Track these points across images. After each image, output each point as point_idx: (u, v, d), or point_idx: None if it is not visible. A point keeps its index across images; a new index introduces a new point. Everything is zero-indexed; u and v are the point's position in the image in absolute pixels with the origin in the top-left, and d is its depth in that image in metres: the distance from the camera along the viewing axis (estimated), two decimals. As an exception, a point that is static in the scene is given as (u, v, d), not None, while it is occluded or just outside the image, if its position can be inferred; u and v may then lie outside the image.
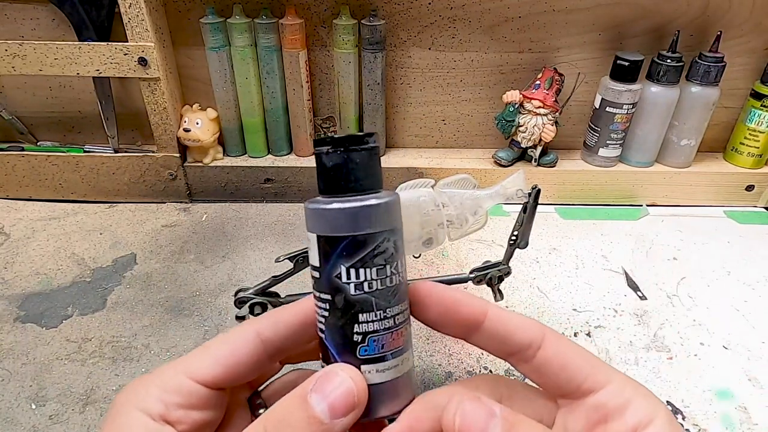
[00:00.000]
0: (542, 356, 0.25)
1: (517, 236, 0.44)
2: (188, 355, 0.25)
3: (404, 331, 0.24)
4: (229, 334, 0.26)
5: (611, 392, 0.24)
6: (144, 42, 0.67)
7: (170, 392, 0.23)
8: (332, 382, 0.22)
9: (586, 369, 0.25)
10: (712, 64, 0.70)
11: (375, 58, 0.71)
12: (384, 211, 0.24)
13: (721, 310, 0.61)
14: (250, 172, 0.78)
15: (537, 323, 0.26)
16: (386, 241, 0.23)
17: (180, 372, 0.24)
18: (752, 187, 0.79)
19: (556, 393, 0.26)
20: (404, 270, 0.24)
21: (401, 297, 0.24)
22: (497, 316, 0.26)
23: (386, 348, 0.24)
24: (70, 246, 0.69)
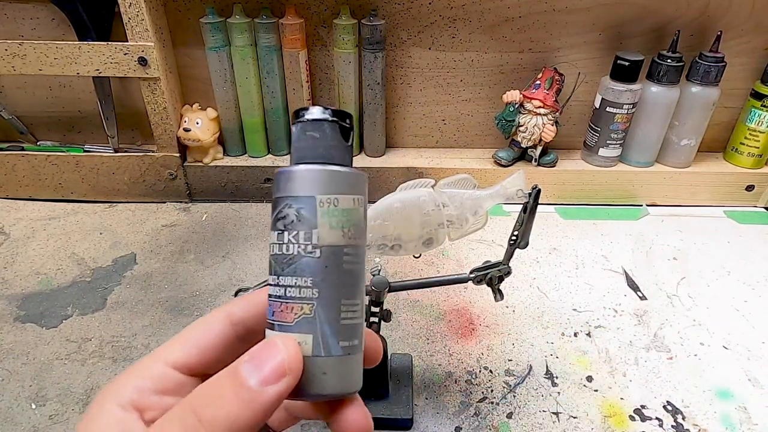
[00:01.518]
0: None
1: (518, 236, 0.44)
2: (166, 343, 0.25)
3: (296, 309, 0.23)
4: (201, 318, 0.26)
5: None
6: (144, 42, 0.67)
7: (144, 378, 0.23)
8: (265, 351, 0.22)
9: None
10: (712, 64, 0.70)
11: (375, 57, 0.71)
12: (287, 178, 0.24)
13: (721, 310, 0.61)
14: (250, 172, 0.78)
15: None
16: (287, 207, 0.23)
17: (156, 360, 0.24)
18: (752, 187, 0.79)
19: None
20: (315, 247, 0.23)
21: (299, 272, 0.23)
22: None
23: (275, 317, 0.23)
24: (70, 246, 0.69)
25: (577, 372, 0.53)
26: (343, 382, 0.23)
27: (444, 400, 0.50)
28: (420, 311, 0.60)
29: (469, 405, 0.49)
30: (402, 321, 0.58)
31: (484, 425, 0.47)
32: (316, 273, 0.23)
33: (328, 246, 0.23)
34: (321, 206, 0.23)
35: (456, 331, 0.57)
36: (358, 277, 0.24)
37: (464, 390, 0.51)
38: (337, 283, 0.23)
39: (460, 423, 0.48)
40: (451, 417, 0.48)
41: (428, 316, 0.59)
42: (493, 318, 0.59)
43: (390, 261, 0.67)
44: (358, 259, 0.24)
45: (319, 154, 0.24)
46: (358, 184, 0.24)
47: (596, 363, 0.54)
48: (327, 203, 0.23)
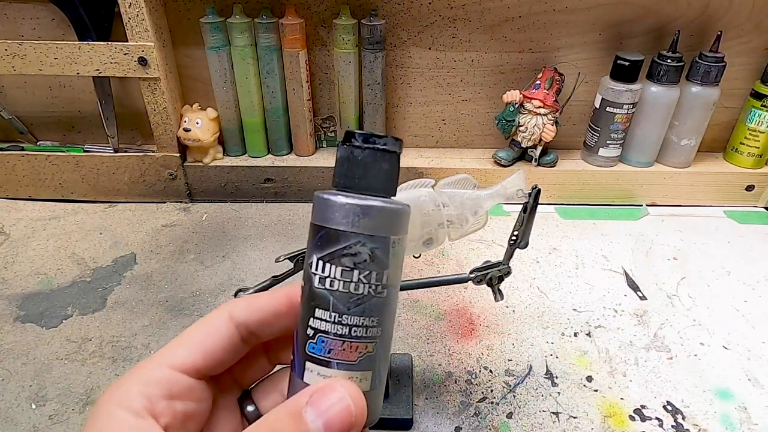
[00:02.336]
0: None
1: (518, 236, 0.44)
2: (167, 346, 0.25)
3: (361, 348, 0.23)
4: (204, 319, 0.25)
5: None
6: (144, 42, 0.67)
7: (151, 384, 0.23)
8: (329, 397, 0.21)
9: None
10: (712, 64, 0.70)
11: (375, 57, 0.71)
12: (365, 214, 0.23)
13: (721, 310, 0.61)
14: (250, 171, 0.78)
15: None
16: (360, 245, 0.23)
17: (159, 363, 0.24)
18: (752, 187, 0.79)
19: None
20: (384, 287, 0.23)
21: (368, 312, 0.23)
22: None
23: (332, 355, 0.23)
24: (70, 246, 0.69)
25: (577, 372, 0.53)
26: (377, 411, 0.24)
27: (444, 400, 0.50)
28: (420, 311, 0.60)
29: (469, 405, 0.49)
30: (402, 321, 0.58)
31: (484, 425, 0.47)
32: (381, 313, 0.23)
33: (392, 286, 0.23)
34: (393, 247, 0.23)
35: (456, 331, 0.57)
36: (395, 312, 0.25)
37: (464, 390, 0.51)
38: (391, 320, 0.24)
39: (460, 423, 0.48)
40: (451, 417, 0.48)
41: (428, 316, 0.59)
42: (493, 318, 0.59)
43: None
44: (397, 294, 0.24)
45: (385, 189, 0.24)
46: (407, 219, 0.24)
47: (596, 363, 0.54)
48: (397, 243, 0.23)
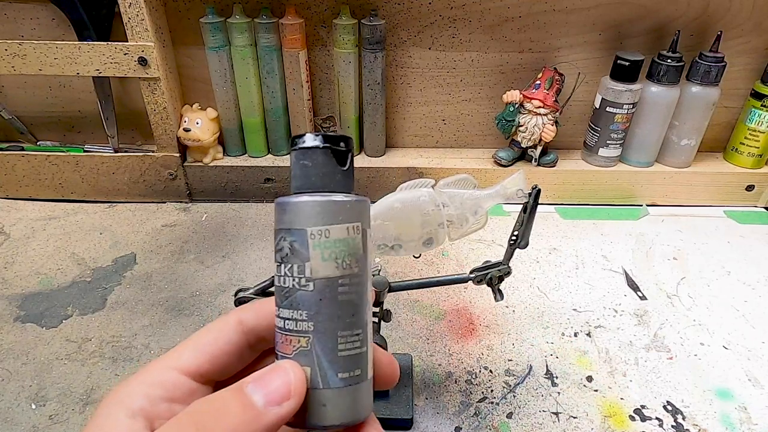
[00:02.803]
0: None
1: (517, 236, 0.44)
2: (174, 348, 0.25)
3: (294, 341, 0.23)
4: (212, 324, 0.25)
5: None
6: (144, 42, 0.67)
7: (154, 386, 0.23)
8: (271, 373, 0.22)
9: None
10: (713, 64, 0.70)
11: (375, 58, 0.71)
12: (282, 210, 0.23)
13: (721, 310, 0.61)
14: (250, 171, 0.78)
15: None
16: (282, 240, 0.23)
17: (165, 365, 0.24)
18: (752, 187, 0.79)
19: None
20: (308, 280, 0.23)
21: (295, 305, 0.23)
22: None
23: (278, 347, 0.24)
24: (70, 246, 0.69)
25: (577, 372, 0.53)
26: (345, 412, 0.23)
27: (444, 400, 0.50)
28: (420, 311, 0.60)
29: (469, 405, 0.49)
30: (402, 321, 0.58)
31: (484, 425, 0.47)
32: (310, 306, 0.23)
33: (321, 279, 0.23)
34: (312, 238, 0.22)
35: (456, 331, 0.57)
36: (357, 306, 0.24)
37: (464, 390, 0.51)
38: (333, 315, 0.23)
39: (460, 423, 0.48)
40: (451, 417, 0.48)
41: (428, 316, 0.59)
42: (493, 318, 0.59)
43: (390, 261, 0.67)
44: (357, 289, 0.23)
45: (312, 183, 0.23)
46: (353, 212, 0.23)
47: (596, 363, 0.54)
48: (318, 235, 0.22)
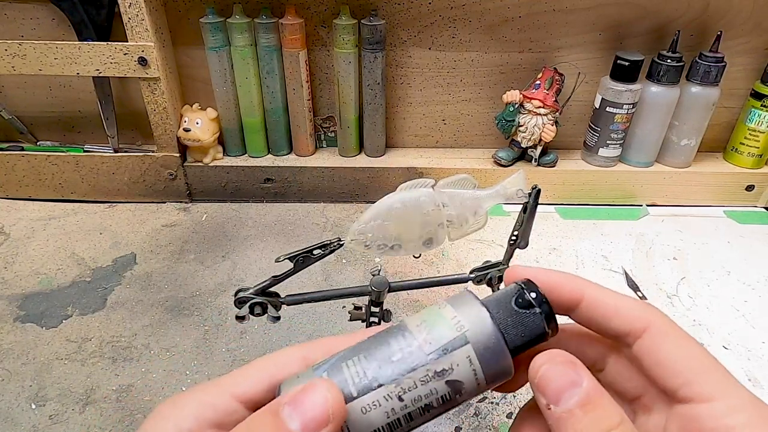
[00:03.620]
0: (639, 347, 0.23)
1: (517, 236, 0.44)
2: (234, 372, 0.24)
3: None
4: (277, 353, 0.25)
5: (715, 410, 0.21)
6: (144, 42, 0.67)
7: (206, 407, 0.22)
8: (307, 395, 0.21)
9: (688, 374, 0.22)
10: (712, 64, 0.70)
11: (375, 58, 0.71)
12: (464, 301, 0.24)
13: (721, 310, 0.61)
14: (250, 172, 0.78)
15: (644, 311, 0.23)
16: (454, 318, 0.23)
17: (223, 389, 0.23)
18: (752, 187, 0.79)
19: (651, 388, 0.24)
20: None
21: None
22: (594, 301, 0.24)
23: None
24: (70, 246, 0.69)
25: (577, 372, 0.53)
26: None
27: (444, 400, 0.50)
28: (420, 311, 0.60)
29: (469, 405, 0.49)
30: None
31: (484, 425, 0.47)
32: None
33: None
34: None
35: (456, 331, 0.57)
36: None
37: (464, 390, 0.51)
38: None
39: (460, 423, 0.48)
40: (451, 417, 0.48)
41: (428, 316, 0.59)
42: (493, 318, 0.59)
43: (390, 261, 0.67)
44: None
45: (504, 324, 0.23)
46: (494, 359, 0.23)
47: (596, 363, 0.54)
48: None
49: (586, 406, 0.21)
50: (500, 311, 0.23)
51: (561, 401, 0.21)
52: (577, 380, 0.21)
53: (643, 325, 0.23)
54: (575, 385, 0.21)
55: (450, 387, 0.22)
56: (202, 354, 0.54)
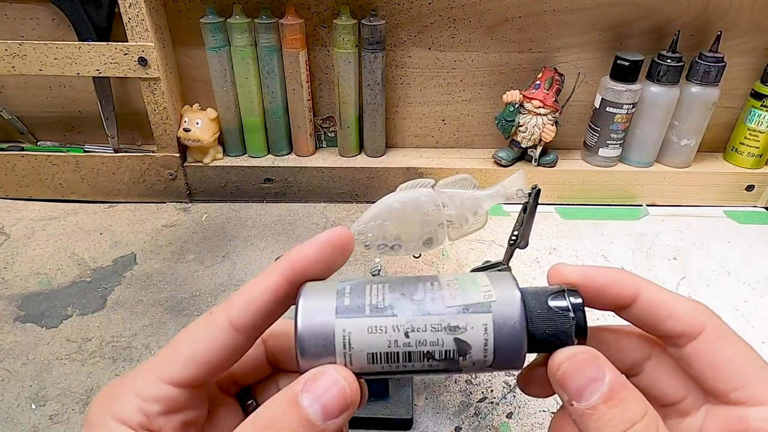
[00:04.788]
0: (692, 349, 0.22)
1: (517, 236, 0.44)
2: (159, 357, 0.23)
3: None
4: (200, 328, 0.24)
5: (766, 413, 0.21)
6: (144, 42, 0.67)
7: (149, 401, 0.22)
8: (323, 381, 0.21)
9: (743, 378, 0.22)
10: (712, 64, 0.70)
11: (375, 58, 0.71)
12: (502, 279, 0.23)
13: (721, 310, 0.61)
14: (250, 172, 0.78)
15: (699, 312, 0.23)
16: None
17: (155, 378, 0.22)
18: (752, 187, 0.79)
19: (701, 389, 0.23)
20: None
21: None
22: (649, 301, 0.23)
23: None
24: (70, 246, 0.69)
25: (577, 372, 0.53)
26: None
27: (444, 400, 0.50)
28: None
29: (469, 405, 0.49)
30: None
31: (484, 425, 0.47)
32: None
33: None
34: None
35: (456, 331, 0.57)
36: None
37: (464, 390, 0.51)
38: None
39: (460, 423, 0.48)
40: (451, 417, 0.48)
41: (428, 316, 0.59)
42: (493, 318, 0.59)
43: (390, 261, 0.67)
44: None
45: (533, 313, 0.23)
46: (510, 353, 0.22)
47: (596, 363, 0.53)
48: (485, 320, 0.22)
49: (609, 402, 0.20)
50: (534, 301, 0.23)
51: (584, 397, 0.21)
52: (599, 375, 0.21)
53: (699, 327, 0.23)
54: (597, 380, 0.21)
55: (456, 345, 0.22)
56: (202, 354, 0.54)
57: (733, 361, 0.22)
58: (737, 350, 0.22)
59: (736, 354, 0.22)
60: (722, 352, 0.22)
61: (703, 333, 0.23)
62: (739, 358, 0.22)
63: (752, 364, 0.22)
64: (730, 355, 0.22)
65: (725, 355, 0.22)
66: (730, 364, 0.22)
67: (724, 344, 0.22)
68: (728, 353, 0.22)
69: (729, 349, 0.22)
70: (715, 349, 0.22)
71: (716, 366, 0.22)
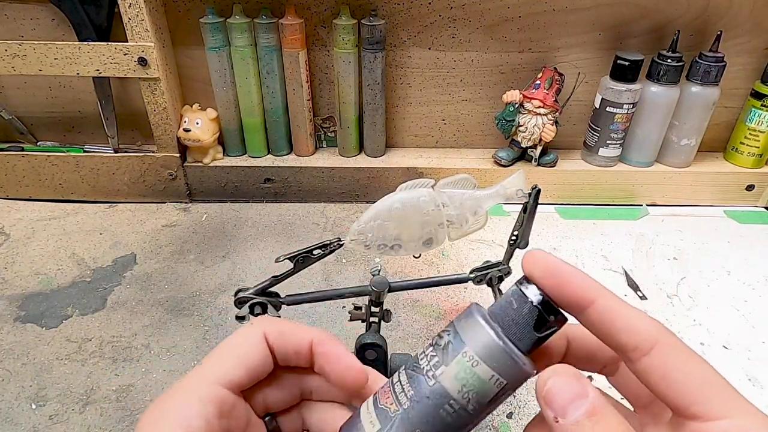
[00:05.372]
0: (645, 364, 0.23)
1: (517, 236, 0.44)
2: (210, 360, 0.25)
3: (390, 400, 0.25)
4: (241, 335, 0.26)
5: (724, 429, 0.21)
6: (144, 42, 0.67)
7: (206, 403, 0.23)
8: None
9: (698, 393, 0.22)
10: (712, 63, 0.70)
11: (375, 58, 0.71)
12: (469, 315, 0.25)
13: (721, 310, 0.61)
14: (250, 172, 0.78)
15: (654, 328, 0.23)
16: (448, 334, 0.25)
17: (210, 380, 0.24)
18: (752, 187, 0.79)
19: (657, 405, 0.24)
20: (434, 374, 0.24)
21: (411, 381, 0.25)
22: (605, 308, 0.24)
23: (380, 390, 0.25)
24: (70, 246, 0.69)
25: (577, 372, 0.53)
26: None
27: (444, 400, 0.50)
28: (420, 311, 0.60)
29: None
30: (402, 321, 0.58)
31: (483, 425, 0.47)
32: (418, 393, 0.24)
33: (441, 386, 0.24)
34: (463, 356, 0.24)
35: (456, 331, 0.57)
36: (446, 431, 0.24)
37: (464, 390, 0.50)
38: (426, 416, 0.24)
39: (460, 423, 0.47)
40: (451, 417, 0.48)
41: (428, 316, 0.59)
42: (493, 318, 0.59)
43: (390, 261, 0.67)
44: (458, 421, 0.24)
45: (503, 322, 0.24)
46: (511, 372, 0.24)
47: (596, 363, 0.54)
48: (468, 358, 0.24)
49: (593, 417, 0.21)
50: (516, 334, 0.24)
51: (568, 413, 0.21)
52: (582, 392, 0.22)
53: (652, 341, 0.23)
54: (581, 396, 0.22)
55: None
56: (202, 354, 0.54)
57: (687, 377, 0.22)
58: (691, 366, 0.22)
59: (690, 370, 0.22)
60: (675, 367, 0.22)
61: (655, 348, 0.23)
62: (693, 374, 0.22)
63: (706, 379, 0.22)
64: (683, 371, 0.22)
65: (679, 370, 0.22)
66: (684, 379, 0.22)
67: (677, 360, 0.22)
68: (682, 369, 0.22)
69: (682, 365, 0.22)
70: (668, 364, 0.22)
71: (670, 382, 0.22)
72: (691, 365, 0.22)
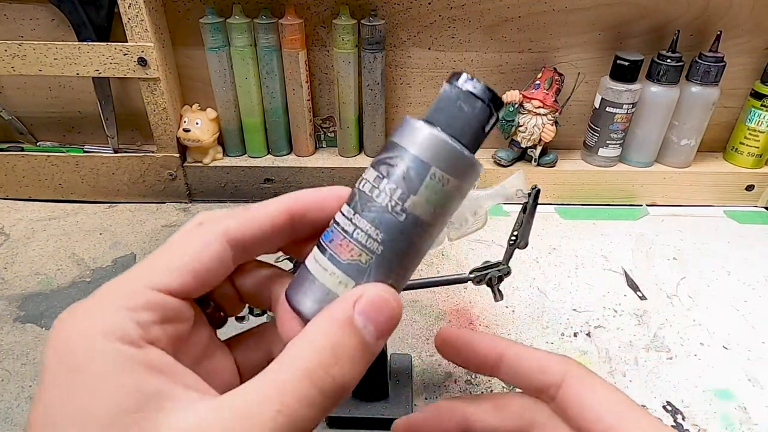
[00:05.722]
0: (560, 399, 0.23)
1: (517, 236, 0.44)
2: (149, 264, 0.22)
3: (354, 252, 0.23)
4: (192, 233, 0.23)
5: None
6: (144, 42, 0.67)
7: (140, 310, 0.20)
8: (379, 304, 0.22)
9: (609, 420, 0.22)
10: (712, 64, 0.70)
11: (375, 58, 0.71)
12: (415, 130, 0.23)
13: (721, 310, 0.61)
14: (249, 172, 0.78)
15: (559, 363, 0.24)
16: (400, 159, 0.23)
17: (144, 285, 0.21)
18: (752, 187, 0.79)
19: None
20: (403, 210, 0.22)
21: (376, 222, 0.22)
22: (515, 356, 0.25)
23: (331, 245, 0.23)
24: (70, 246, 0.69)
25: (577, 372, 0.53)
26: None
27: (444, 400, 0.50)
28: (420, 311, 0.60)
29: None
30: (402, 321, 0.58)
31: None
32: (390, 233, 0.22)
33: (414, 215, 0.23)
34: (431, 179, 0.22)
35: (456, 331, 0.57)
36: (420, 255, 0.24)
37: (464, 390, 0.51)
38: (402, 252, 0.23)
39: (460, 423, 0.47)
40: (450, 417, 0.48)
41: (428, 316, 0.59)
42: (493, 318, 0.59)
43: (390, 261, 0.67)
44: (429, 241, 0.24)
45: (455, 128, 0.23)
46: (471, 175, 0.24)
47: (596, 363, 0.54)
48: (438, 179, 0.23)
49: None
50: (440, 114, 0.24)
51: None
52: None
53: (560, 376, 0.24)
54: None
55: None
56: (201, 354, 0.54)
57: (598, 405, 0.23)
58: (601, 394, 0.23)
59: (601, 397, 0.23)
60: (586, 397, 0.23)
61: (564, 381, 0.23)
62: (604, 401, 0.23)
63: (617, 405, 0.23)
64: (594, 399, 0.23)
65: (590, 399, 0.23)
66: (596, 407, 0.23)
67: (586, 390, 0.23)
68: (592, 397, 0.23)
69: (592, 393, 0.23)
70: (579, 394, 0.23)
71: (584, 411, 0.23)
72: (601, 394, 0.23)
